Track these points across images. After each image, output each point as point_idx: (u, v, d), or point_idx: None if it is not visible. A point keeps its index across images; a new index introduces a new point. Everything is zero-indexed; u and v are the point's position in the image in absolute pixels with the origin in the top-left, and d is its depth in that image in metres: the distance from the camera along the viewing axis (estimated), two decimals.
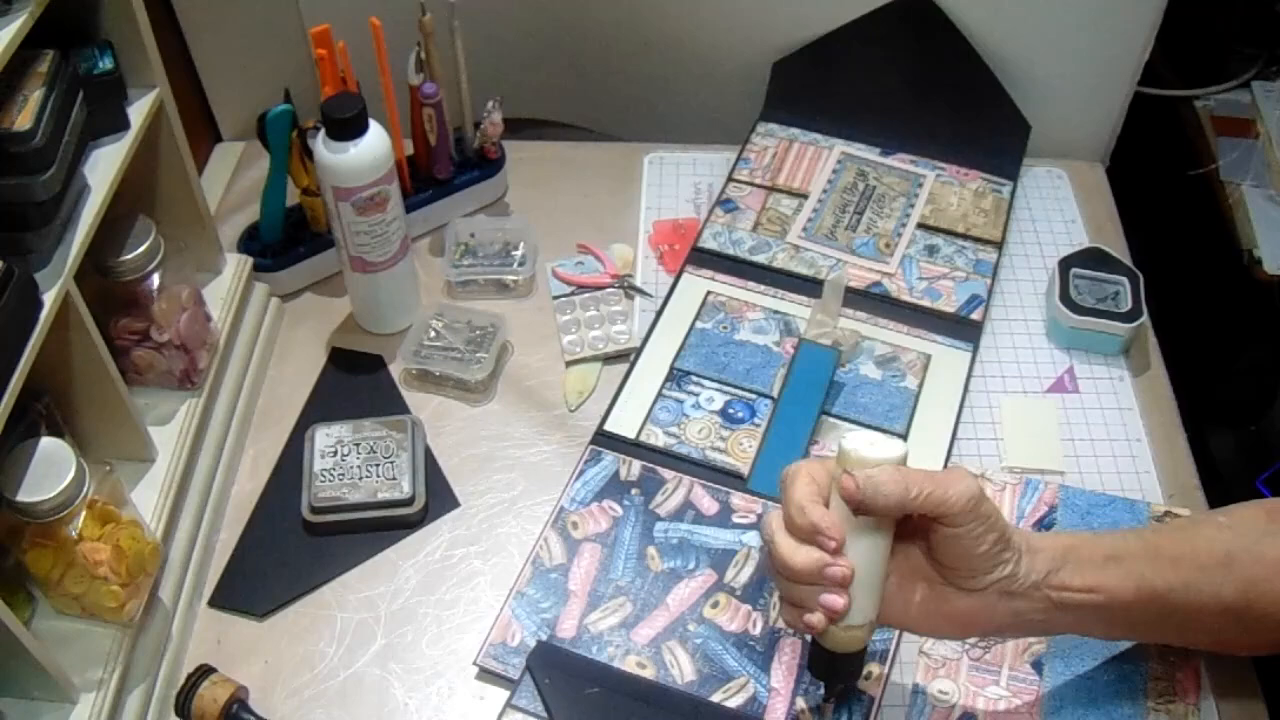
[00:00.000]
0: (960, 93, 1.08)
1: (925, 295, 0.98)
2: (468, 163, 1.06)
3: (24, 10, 0.64)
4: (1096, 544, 0.68)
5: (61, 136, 0.68)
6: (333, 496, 0.83)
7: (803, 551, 0.63)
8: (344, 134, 0.84)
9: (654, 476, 0.86)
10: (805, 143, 1.12)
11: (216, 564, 0.83)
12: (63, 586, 0.68)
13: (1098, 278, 0.96)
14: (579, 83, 1.21)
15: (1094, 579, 0.66)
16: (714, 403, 0.90)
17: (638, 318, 0.98)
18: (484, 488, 0.87)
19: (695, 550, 0.82)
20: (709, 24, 1.12)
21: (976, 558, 0.64)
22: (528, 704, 0.73)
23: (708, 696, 0.74)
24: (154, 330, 0.81)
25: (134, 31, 0.76)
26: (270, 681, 0.76)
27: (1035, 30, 1.06)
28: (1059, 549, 0.66)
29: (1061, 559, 0.66)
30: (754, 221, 1.04)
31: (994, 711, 0.73)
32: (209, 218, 0.91)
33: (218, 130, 1.16)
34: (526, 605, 0.79)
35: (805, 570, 0.63)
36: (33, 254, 0.67)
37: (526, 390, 0.93)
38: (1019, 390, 0.93)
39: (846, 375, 0.92)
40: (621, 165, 1.12)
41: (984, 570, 0.64)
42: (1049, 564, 0.65)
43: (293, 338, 0.98)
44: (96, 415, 0.76)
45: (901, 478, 0.62)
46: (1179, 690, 0.74)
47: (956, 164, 1.09)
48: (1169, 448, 0.89)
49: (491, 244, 1.02)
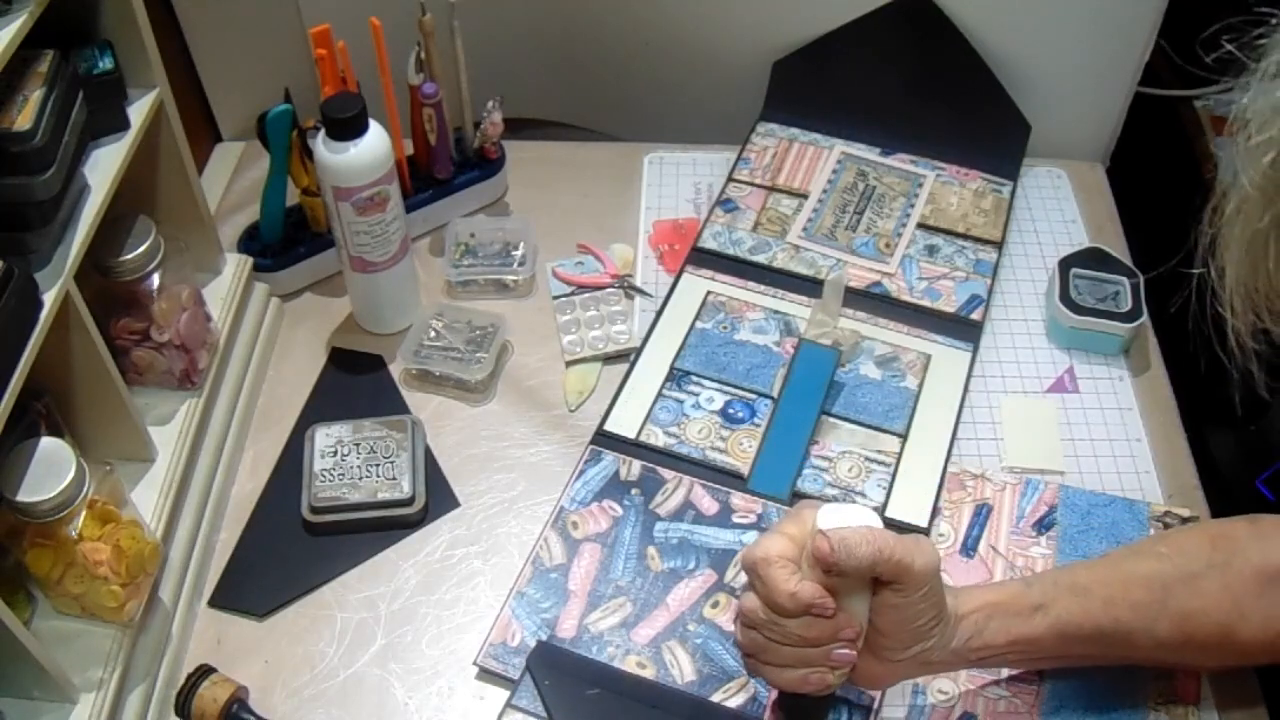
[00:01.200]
0: (960, 93, 1.08)
1: (925, 295, 0.98)
2: (468, 163, 1.06)
3: (24, 10, 0.64)
4: (1024, 596, 0.68)
5: (61, 136, 0.68)
6: (333, 496, 0.83)
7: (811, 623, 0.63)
8: (344, 134, 0.84)
9: (654, 476, 0.86)
10: (805, 143, 1.12)
11: (216, 564, 0.83)
12: (63, 586, 0.68)
13: (1098, 278, 0.96)
14: (579, 83, 1.21)
15: (1018, 632, 0.67)
16: (714, 403, 0.90)
17: (638, 318, 0.98)
18: (484, 488, 0.87)
19: (695, 550, 0.82)
20: (709, 24, 1.12)
21: (911, 630, 0.64)
22: (528, 704, 0.73)
23: (708, 696, 0.74)
24: (154, 330, 0.81)
25: (134, 31, 0.76)
26: (270, 681, 0.76)
27: (1035, 30, 1.06)
28: (984, 609, 0.67)
29: (985, 620, 0.67)
30: (754, 221, 1.04)
31: (994, 712, 0.73)
32: (209, 218, 0.91)
33: (218, 130, 1.16)
34: (527, 605, 0.79)
35: (822, 637, 0.63)
36: (33, 254, 0.67)
37: (526, 390, 0.93)
38: (1019, 390, 0.93)
39: (847, 375, 0.92)
40: (621, 165, 1.12)
41: (908, 644, 0.65)
42: (971, 629, 0.66)
43: (293, 338, 0.98)
44: (96, 415, 0.76)
45: (873, 538, 0.62)
46: (1179, 692, 0.74)
47: (956, 164, 1.09)
48: (1169, 448, 0.89)
49: (491, 244, 1.02)
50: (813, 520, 0.64)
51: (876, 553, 0.61)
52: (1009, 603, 0.67)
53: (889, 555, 0.62)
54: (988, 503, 0.84)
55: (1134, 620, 0.67)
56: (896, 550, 0.62)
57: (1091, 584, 0.68)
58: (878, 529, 0.63)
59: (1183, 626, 0.67)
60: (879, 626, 0.65)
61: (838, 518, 0.64)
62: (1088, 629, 0.67)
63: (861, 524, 0.63)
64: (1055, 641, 0.67)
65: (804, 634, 0.63)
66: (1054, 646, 0.67)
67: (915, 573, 0.62)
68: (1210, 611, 0.67)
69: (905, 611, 0.64)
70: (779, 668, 0.66)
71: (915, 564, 0.62)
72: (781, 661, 0.65)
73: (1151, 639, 0.67)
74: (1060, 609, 0.67)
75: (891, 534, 0.63)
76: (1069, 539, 0.82)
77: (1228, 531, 0.71)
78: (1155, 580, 0.68)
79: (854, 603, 0.64)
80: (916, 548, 0.63)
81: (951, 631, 0.66)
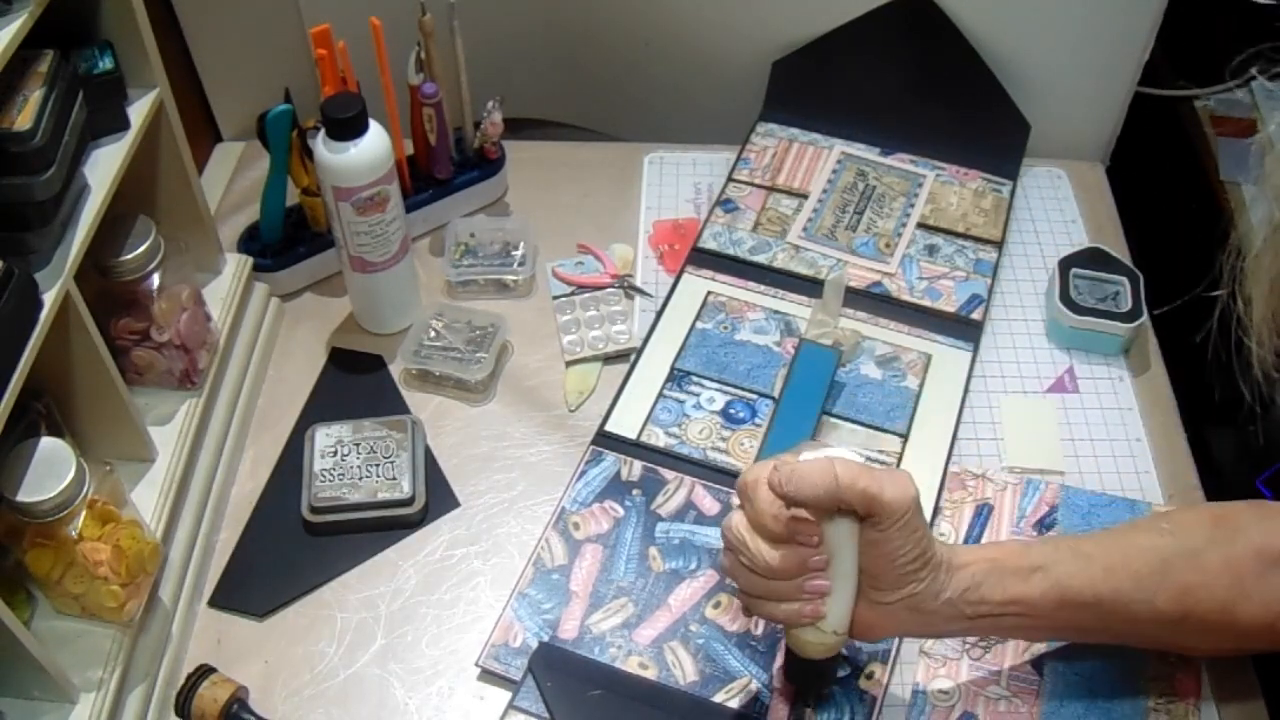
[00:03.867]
0: (960, 93, 1.08)
1: (925, 295, 0.98)
2: (468, 163, 1.06)
3: (24, 10, 0.64)
4: (1024, 555, 0.67)
5: (61, 136, 0.68)
6: (333, 496, 0.83)
7: (783, 551, 0.63)
8: (344, 134, 0.84)
9: (655, 477, 0.86)
10: (805, 143, 1.12)
11: (216, 564, 0.83)
12: (63, 586, 0.68)
13: (1098, 278, 0.96)
14: (579, 83, 1.21)
15: (1015, 591, 0.66)
16: (715, 403, 0.90)
17: (638, 318, 0.98)
18: (484, 488, 0.87)
19: (697, 550, 0.82)
20: (709, 24, 1.12)
21: (895, 568, 0.63)
22: (530, 705, 0.73)
23: (710, 697, 0.74)
24: (154, 330, 0.81)
25: (134, 31, 0.76)
26: (270, 681, 0.76)
27: (1035, 30, 1.06)
28: (982, 563, 0.66)
29: (984, 574, 0.66)
30: (754, 221, 1.04)
31: (994, 712, 0.73)
32: (209, 218, 0.91)
33: (218, 130, 1.16)
34: (528, 606, 0.79)
35: (789, 568, 0.63)
36: (33, 254, 0.67)
37: (526, 390, 0.93)
38: (1019, 390, 0.93)
39: (847, 375, 0.92)
40: (621, 165, 1.12)
41: (895, 585, 0.64)
42: (968, 581, 0.65)
43: (293, 338, 0.98)
44: (96, 415, 0.76)
45: (828, 468, 0.61)
46: (1179, 690, 0.74)
47: (956, 164, 1.09)
48: (1169, 448, 0.89)
49: (491, 244, 1.02)
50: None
51: (830, 480, 0.60)
52: (1008, 559, 0.67)
53: (851, 483, 0.60)
54: (988, 502, 0.84)
55: (1134, 591, 0.66)
56: (861, 479, 0.60)
57: (1093, 552, 0.68)
58: (845, 460, 0.62)
59: (1183, 600, 0.66)
60: (864, 566, 0.64)
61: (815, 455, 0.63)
62: (1087, 595, 0.66)
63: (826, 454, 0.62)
64: (1053, 606, 0.66)
65: (773, 563, 0.63)
66: (1051, 611, 0.66)
67: (885, 502, 0.61)
68: (1211, 587, 0.66)
69: (884, 547, 0.62)
70: (757, 599, 0.65)
71: (885, 493, 0.61)
72: (755, 591, 0.65)
73: (1151, 611, 0.67)
74: (1060, 572, 0.66)
75: (861, 465, 0.62)
76: None
77: (1230, 512, 0.71)
78: (1157, 553, 0.68)
79: (838, 543, 0.63)
80: (888, 478, 0.61)
81: (946, 579, 0.65)
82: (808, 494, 0.61)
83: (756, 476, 0.64)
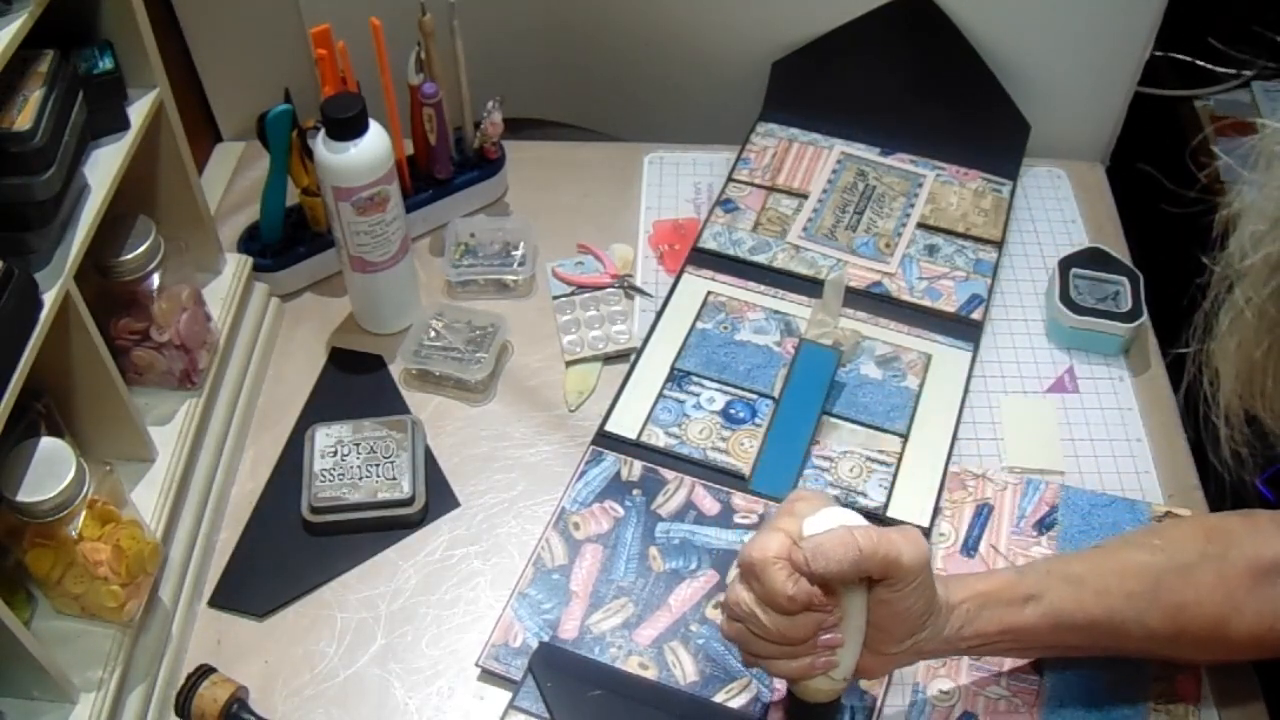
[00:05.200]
0: (960, 93, 1.08)
1: (925, 295, 0.98)
2: (468, 163, 1.06)
3: (24, 10, 0.64)
4: (1016, 585, 0.67)
5: (61, 136, 0.68)
6: (333, 496, 0.83)
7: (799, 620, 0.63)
8: (344, 134, 0.84)
9: (655, 477, 0.86)
10: (805, 143, 1.12)
11: (216, 564, 0.83)
12: (63, 586, 0.68)
13: (1098, 278, 0.96)
14: (579, 83, 1.21)
15: (1010, 621, 0.66)
16: (715, 403, 0.90)
17: (638, 318, 0.98)
18: (484, 488, 0.87)
19: (697, 551, 0.82)
20: (709, 24, 1.12)
21: (905, 623, 0.64)
22: (530, 705, 0.73)
23: (710, 697, 0.74)
24: (154, 330, 0.81)
25: (134, 31, 0.76)
26: (270, 681, 0.76)
27: (1035, 30, 1.06)
28: (976, 598, 0.66)
29: (978, 609, 0.66)
30: (754, 221, 1.04)
31: (994, 711, 0.73)
32: (209, 218, 0.91)
33: (218, 130, 1.16)
34: (528, 606, 0.79)
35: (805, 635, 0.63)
36: (33, 254, 0.67)
37: (526, 390, 0.93)
38: (1019, 390, 0.93)
39: (847, 375, 0.92)
40: (621, 165, 1.12)
41: (903, 637, 0.64)
42: (963, 618, 0.66)
43: (293, 338, 0.98)
44: (96, 415, 0.76)
45: (850, 540, 0.61)
46: (1179, 691, 0.74)
47: (956, 164, 1.09)
48: (1169, 448, 0.89)
49: (491, 244, 1.02)
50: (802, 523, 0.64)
51: (858, 553, 0.61)
52: (1001, 592, 0.67)
53: (873, 552, 0.61)
54: (989, 502, 0.84)
55: (1127, 611, 0.67)
56: (881, 546, 0.61)
57: (1085, 574, 0.68)
58: (861, 527, 0.62)
59: (1176, 618, 0.67)
60: (874, 622, 0.64)
61: (819, 524, 0.63)
62: (1080, 619, 0.67)
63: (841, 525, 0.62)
64: (1048, 631, 0.67)
65: (789, 633, 0.63)
66: (1046, 636, 0.67)
67: (905, 566, 0.61)
68: (1204, 604, 0.67)
69: (898, 605, 0.63)
70: (767, 659, 0.65)
71: (904, 557, 0.61)
72: (765, 655, 0.65)
73: (1144, 630, 0.67)
74: (1053, 599, 0.67)
75: (876, 530, 0.62)
76: (1069, 539, 0.82)
77: (1221, 525, 0.71)
78: (1149, 571, 0.68)
79: (850, 600, 0.64)
80: (904, 541, 0.62)
81: (944, 620, 0.65)
82: (834, 571, 0.61)
83: (763, 555, 0.62)
